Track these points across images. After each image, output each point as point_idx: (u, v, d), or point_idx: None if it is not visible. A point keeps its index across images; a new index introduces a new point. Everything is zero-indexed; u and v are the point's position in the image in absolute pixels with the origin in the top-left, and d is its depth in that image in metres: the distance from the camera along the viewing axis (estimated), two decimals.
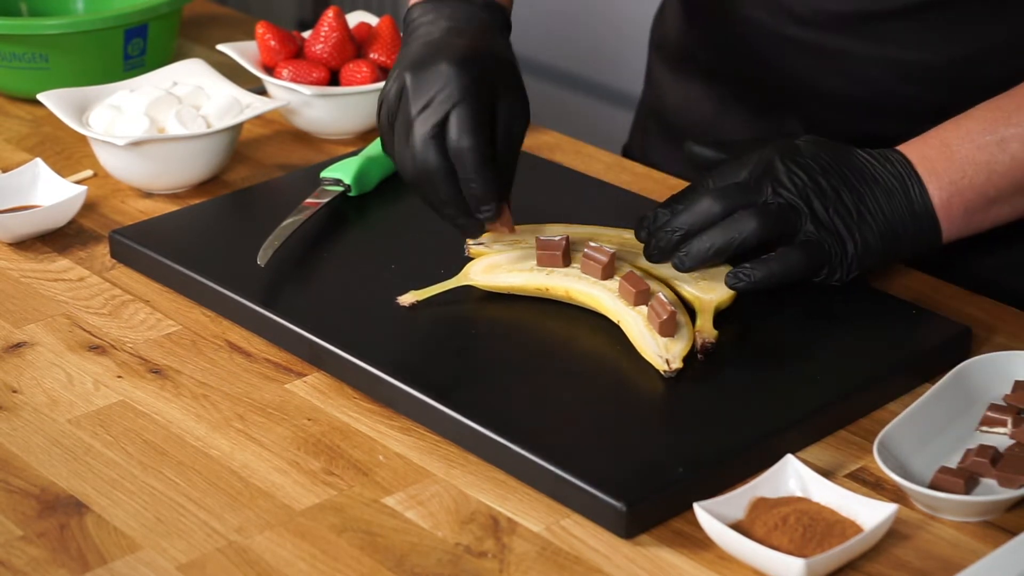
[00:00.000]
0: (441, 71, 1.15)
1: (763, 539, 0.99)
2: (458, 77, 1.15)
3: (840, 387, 1.13)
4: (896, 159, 1.18)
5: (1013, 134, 1.17)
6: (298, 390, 1.16)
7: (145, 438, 1.11)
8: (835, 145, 1.19)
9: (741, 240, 1.15)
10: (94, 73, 1.56)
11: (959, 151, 1.17)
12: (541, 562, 1.00)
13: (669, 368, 1.12)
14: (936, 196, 1.17)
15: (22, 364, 1.19)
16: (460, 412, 1.09)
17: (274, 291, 1.23)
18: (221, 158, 1.43)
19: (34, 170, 1.39)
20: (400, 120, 1.16)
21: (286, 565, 1.00)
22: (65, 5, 1.72)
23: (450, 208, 1.16)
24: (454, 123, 1.14)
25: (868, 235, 1.17)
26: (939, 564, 0.99)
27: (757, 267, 1.15)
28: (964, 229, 1.19)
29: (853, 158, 1.18)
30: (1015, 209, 1.20)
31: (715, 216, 1.16)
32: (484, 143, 1.14)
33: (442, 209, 1.16)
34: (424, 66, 1.15)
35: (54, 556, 1.00)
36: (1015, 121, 1.17)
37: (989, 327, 1.23)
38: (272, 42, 1.52)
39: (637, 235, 1.20)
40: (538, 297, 1.21)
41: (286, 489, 1.06)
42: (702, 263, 1.16)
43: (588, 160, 1.49)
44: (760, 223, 1.14)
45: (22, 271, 1.31)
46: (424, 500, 1.05)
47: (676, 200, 1.18)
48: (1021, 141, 1.17)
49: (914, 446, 1.07)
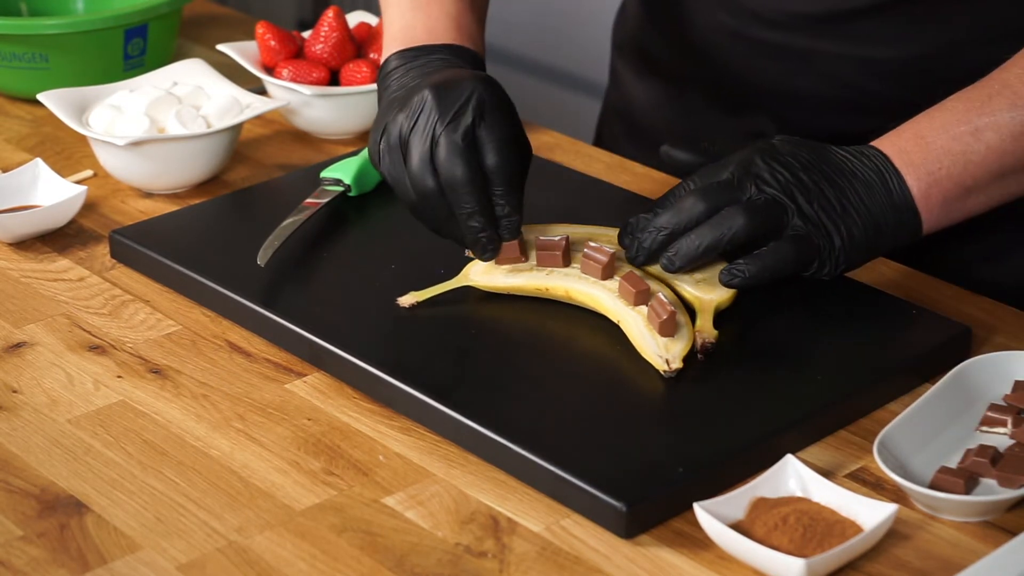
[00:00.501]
0: (466, 84, 1.16)
1: (763, 539, 0.99)
2: (486, 87, 1.16)
3: (840, 387, 1.13)
4: (872, 154, 1.19)
5: (987, 123, 1.18)
6: (298, 390, 1.16)
7: (145, 438, 1.11)
8: (812, 143, 1.19)
9: (730, 236, 1.15)
10: (94, 73, 1.56)
11: (934, 143, 1.18)
12: (541, 562, 1.00)
13: (669, 368, 1.12)
14: (915, 187, 1.18)
15: (22, 364, 1.19)
16: (460, 412, 1.09)
17: (274, 291, 1.23)
18: (221, 158, 1.43)
19: (34, 170, 1.39)
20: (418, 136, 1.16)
21: (286, 565, 1.00)
22: (65, 5, 1.72)
23: (476, 220, 1.16)
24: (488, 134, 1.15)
25: (853, 228, 1.17)
26: (939, 564, 0.99)
27: (750, 263, 1.16)
28: (944, 219, 1.19)
29: (830, 155, 1.19)
30: (992, 198, 1.20)
31: (699, 214, 1.15)
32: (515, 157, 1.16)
33: (467, 221, 1.16)
34: (447, 83, 1.17)
35: (54, 556, 1.00)
36: (988, 111, 1.18)
37: (989, 327, 1.23)
38: (272, 42, 1.52)
39: (620, 241, 1.20)
40: (538, 297, 1.21)
41: (286, 489, 1.06)
42: (691, 262, 1.16)
43: (588, 160, 1.49)
44: (748, 219, 1.14)
45: (22, 271, 1.31)
46: (424, 500, 1.05)
47: (658, 204, 1.18)
48: (995, 130, 1.18)
49: (914, 446, 1.07)
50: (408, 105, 1.17)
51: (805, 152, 1.18)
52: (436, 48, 1.26)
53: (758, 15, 1.37)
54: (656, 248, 1.17)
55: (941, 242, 1.29)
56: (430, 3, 1.28)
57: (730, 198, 1.16)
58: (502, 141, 1.16)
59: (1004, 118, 1.17)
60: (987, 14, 1.31)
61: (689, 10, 1.43)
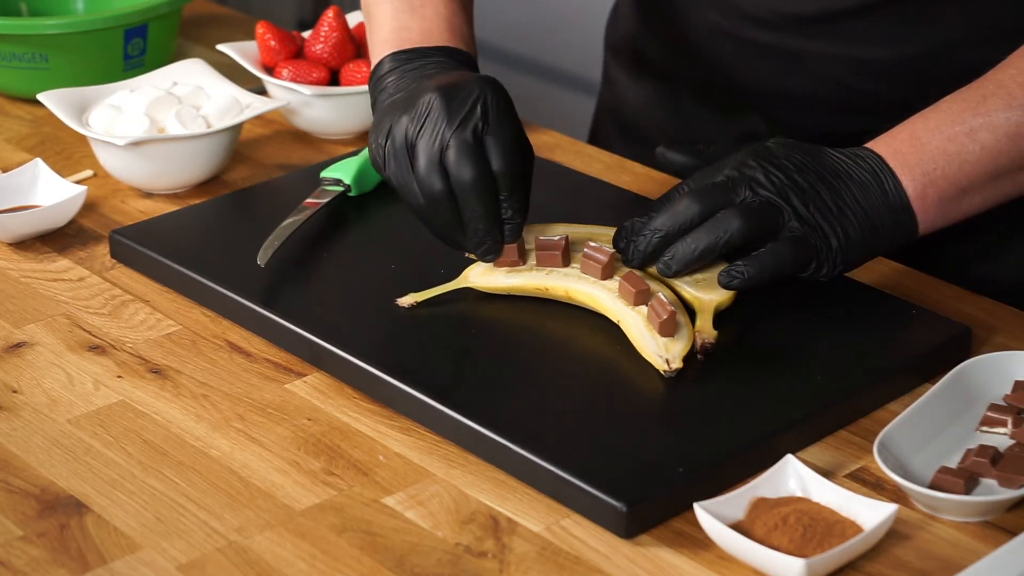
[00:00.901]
0: (473, 87, 1.16)
1: (763, 539, 0.99)
2: (492, 90, 1.16)
3: (840, 387, 1.13)
4: (867, 155, 1.19)
5: (981, 124, 1.18)
6: (298, 390, 1.16)
7: (145, 438, 1.11)
8: (806, 146, 1.19)
9: (727, 239, 1.15)
10: (94, 73, 1.56)
11: (929, 143, 1.18)
12: (541, 562, 1.00)
13: (669, 368, 1.12)
14: (910, 188, 1.18)
15: (22, 364, 1.19)
16: (460, 412, 1.09)
17: (274, 291, 1.23)
18: (221, 158, 1.43)
19: (34, 170, 1.39)
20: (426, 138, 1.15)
21: (286, 565, 1.00)
22: (65, 5, 1.72)
23: (484, 222, 1.16)
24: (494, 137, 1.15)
25: (849, 229, 1.17)
26: (939, 564, 0.99)
27: (749, 264, 1.16)
28: (940, 219, 1.19)
29: (825, 157, 1.19)
30: (988, 199, 1.20)
31: (694, 216, 1.15)
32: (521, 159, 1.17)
33: (475, 224, 1.16)
34: (454, 85, 1.16)
35: (54, 556, 1.00)
36: (982, 111, 1.18)
37: (989, 327, 1.23)
38: (272, 42, 1.52)
39: (615, 244, 1.19)
40: (538, 297, 1.21)
41: (286, 489, 1.06)
42: (688, 266, 1.16)
43: (588, 160, 1.49)
44: (743, 221, 1.14)
45: (22, 271, 1.31)
46: (424, 500, 1.05)
47: (653, 207, 1.18)
48: (989, 130, 1.18)
49: (914, 446, 1.07)
50: (413, 108, 1.16)
51: (799, 154, 1.18)
52: (431, 51, 1.25)
53: (749, 15, 1.37)
54: (651, 251, 1.17)
55: (940, 241, 1.29)
56: (424, 5, 1.28)
57: (725, 200, 1.16)
58: (509, 143, 1.16)
59: (999, 118, 1.17)
60: (979, 15, 1.31)
61: (681, 10, 1.44)
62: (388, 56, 1.26)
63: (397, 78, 1.24)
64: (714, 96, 1.45)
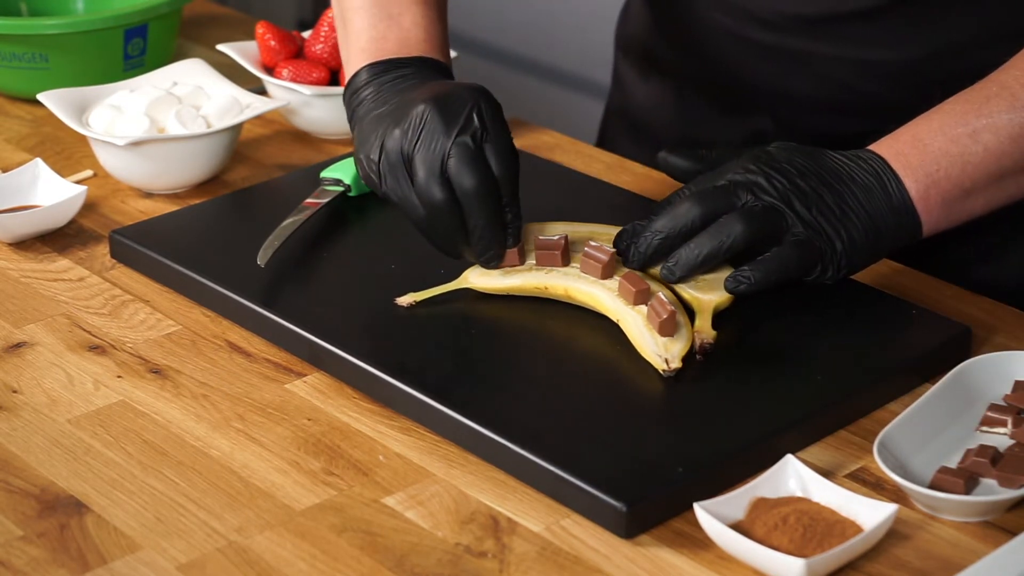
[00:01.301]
0: (466, 96, 1.16)
1: (763, 539, 0.99)
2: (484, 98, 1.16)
3: (840, 387, 1.13)
4: (869, 157, 1.19)
5: (984, 125, 1.18)
6: (298, 390, 1.16)
7: (145, 438, 1.11)
8: (808, 149, 1.19)
9: (730, 244, 1.15)
10: (94, 73, 1.56)
11: (932, 144, 1.18)
12: (541, 562, 1.00)
13: (668, 368, 1.12)
14: (913, 189, 1.18)
15: (22, 364, 1.19)
16: (460, 412, 1.09)
17: (274, 291, 1.23)
18: (221, 158, 1.43)
19: (34, 170, 1.39)
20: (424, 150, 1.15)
21: (286, 565, 1.00)
22: (65, 5, 1.72)
23: (488, 231, 1.16)
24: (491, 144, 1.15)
25: (853, 232, 1.17)
26: (939, 564, 0.99)
27: (755, 269, 1.16)
28: (943, 221, 1.19)
29: (827, 160, 1.19)
30: (991, 200, 1.20)
31: (695, 219, 1.15)
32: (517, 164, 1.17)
33: (480, 231, 1.16)
34: (446, 95, 1.16)
35: (54, 556, 1.00)
36: (985, 112, 1.18)
37: (989, 327, 1.23)
38: (272, 42, 1.52)
39: (616, 247, 1.19)
40: (538, 297, 1.21)
41: (286, 489, 1.06)
42: (692, 271, 1.16)
43: (588, 160, 1.49)
44: (746, 226, 1.14)
45: (22, 271, 1.31)
46: (424, 500, 1.05)
47: (654, 210, 1.18)
48: (993, 132, 1.18)
49: (914, 446, 1.07)
50: (405, 120, 1.16)
51: (801, 158, 1.18)
52: (408, 61, 1.24)
53: (755, 16, 1.38)
54: (651, 252, 1.17)
55: (942, 243, 1.29)
56: (401, 13, 1.27)
57: (726, 204, 1.16)
58: (507, 149, 1.16)
59: (1002, 120, 1.17)
60: (984, 17, 1.31)
61: (690, 10, 1.44)
62: (365, 67, 1.25)
63: (375, 90, 1.23)
64: (721, 96, 1.45)
